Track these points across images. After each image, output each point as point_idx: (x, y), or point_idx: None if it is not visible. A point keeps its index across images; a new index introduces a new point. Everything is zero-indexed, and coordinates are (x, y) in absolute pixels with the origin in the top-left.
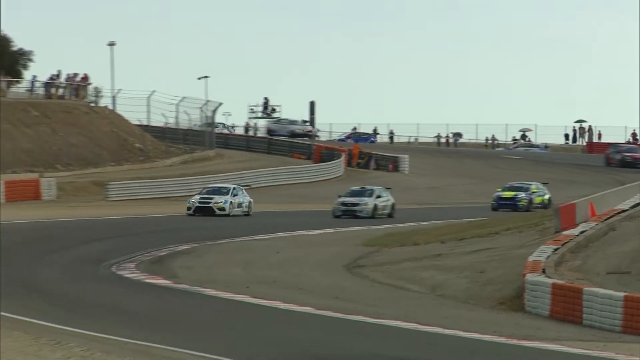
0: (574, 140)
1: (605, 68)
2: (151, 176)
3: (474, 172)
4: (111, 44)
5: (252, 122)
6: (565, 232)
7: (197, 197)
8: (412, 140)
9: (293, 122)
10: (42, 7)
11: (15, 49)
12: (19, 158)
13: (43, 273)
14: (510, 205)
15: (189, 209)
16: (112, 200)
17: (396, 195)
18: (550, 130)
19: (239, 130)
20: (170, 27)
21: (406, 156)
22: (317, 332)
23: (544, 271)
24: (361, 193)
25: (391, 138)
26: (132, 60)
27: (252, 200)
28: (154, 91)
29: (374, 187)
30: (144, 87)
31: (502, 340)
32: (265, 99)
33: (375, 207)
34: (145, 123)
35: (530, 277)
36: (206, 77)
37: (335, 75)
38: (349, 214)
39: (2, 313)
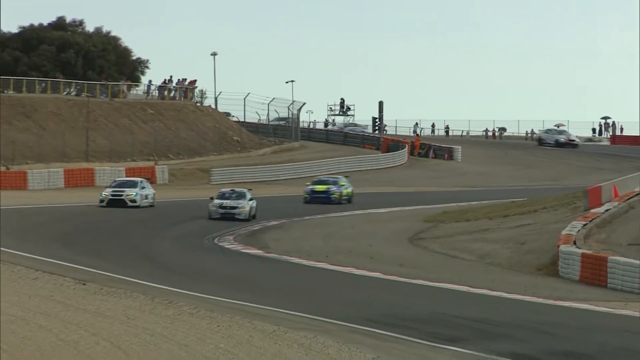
0: (600, 133)
1: (626, 69)
2: (246, 164)
3: (517, 160)
4: (214, 54)
5: (330, 119)
6: (592, 210)
7: (109, 190)
8: (464, 134)
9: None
10: (157, 22)
11: (134, 58)
12: (137, 149)
13: (157, 244)
14: (323, 198)
15: (101, 201)
16: (215, 183)
17: (450, 180)
18: (580, 124)
19: (319, 125)
20: (261, 37)
21: (459, 147)
22: (386, 295)
23: (574, 243)
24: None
25: (447, 132)
26: (231, 66)
27: (155, 192)
28: (248, 93)
29: (241, 190)
30: (241, 90)
31: (540, 300)
32: (342, 99)
33: (251, 209)
34: (241, 119)
35: (563, 247)
36: (292, 81)
37: (400, 78)
38: (227, 216)
39: (124, 277)
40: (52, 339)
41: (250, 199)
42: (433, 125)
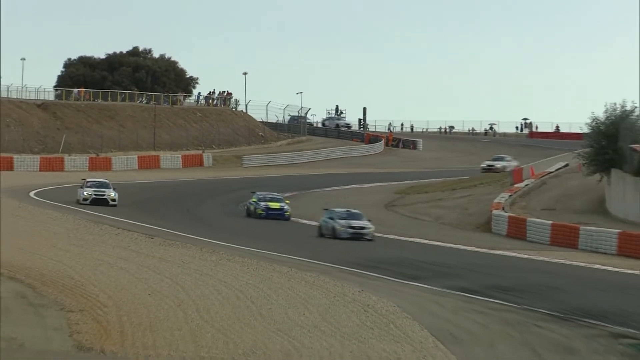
0: (521, 130)
1: (543, 78)
2: (269, 152)
3: (461, 149)
4: (245, 73)
5: (333, 122)
6: (516, 185)
7: (91, 190)
8: (424, 130)
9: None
10: (204, 48)
11: (188, 76)
12: (190, 141)
13: (204, 210)
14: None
15: (85, 199)
16: (246, 167)
17: (414, 164)
18: (507, 124)
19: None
20: (280, 59)
21: (421, 140)
22: (367, 246)
23: (503, 208)
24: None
25: (411, 129)
26: (258, 81)
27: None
28: (269, 101)
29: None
30: (265, 98)
31: (479, 249)
32: (337, 106)
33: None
34: (264, 120)
35: (495, 212)
36: (301, 92)
37: (379, 88)
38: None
39: (180, 233)
40: (129, 277)
41: (369, 220)
42: (402, 125)
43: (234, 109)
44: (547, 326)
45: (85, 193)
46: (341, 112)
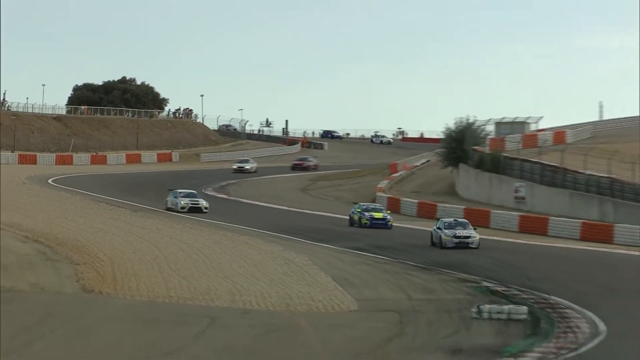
0: (398, 136)
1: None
2: (219, 151)
3: (357, 150)
4: (202, 95)
5: (261, 129)
6: (393, 175)
7: (187, 200)
8: (330, 136)
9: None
10: (172, 76)
11: (161, 97)
12: (162, 144)
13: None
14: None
15: (182, 208)
16: (203, 161)
17: (322, 160)
18: (387, 131)
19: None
20: (228, 81)
21: (326, 143)
22: (287, 218)
23: (384, 191)
24: None
25: (320, 135)
26: (213, 99)
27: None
28: (219, 115)
29: None
30: (216, 112)
31: None
32: (267, 118)
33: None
34: (216, 128)
35: (378, 193)
36: (241, 109)
37: (299, 103)
38: (462, 245)
39: (156, 209)
40: (119, 240)
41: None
42: (313, 132)
43: (194, 121)
44: (414, 274)
45: (182, 202)
46: (270, 123)
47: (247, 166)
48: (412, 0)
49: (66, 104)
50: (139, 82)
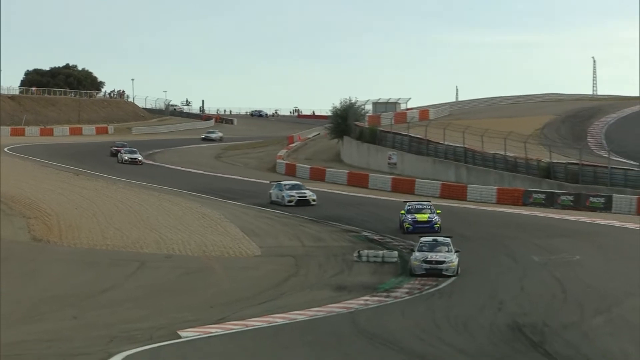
0: (294, 113)
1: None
2: (147, 125)
3: (261, 124)
4: (132, 79)
5: (184, 108)
6: (290, 145)
7: (294, 192)
8: (239, 113)
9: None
10: (108, 62)
11: (99, 80)
12: (100, 119)
13: (109, 158)
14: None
15: (289, 202)
16: (134, 134)
17: (232, 133)
18: (285, 110)
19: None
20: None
21: (236, 119)
22: (204, 180)
23: (283, 158)
24: None
25: (230, 112)
26: (144, 81)
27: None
28: (147, 96)
29: None
30: (146, 93)
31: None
32: (187, 98)
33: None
34: (145, 106)
35: (278, 160)
36: (165, 91)
37: (214, 83)
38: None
39: (95, 172)
40: (64, 198)
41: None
42: (224, 110)
43: (126, 100)
44: (307, 225)
45: (290, 195)
46: (189, 102)
47: (213, 135)
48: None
49: (19, 86)
50: (80, 68)
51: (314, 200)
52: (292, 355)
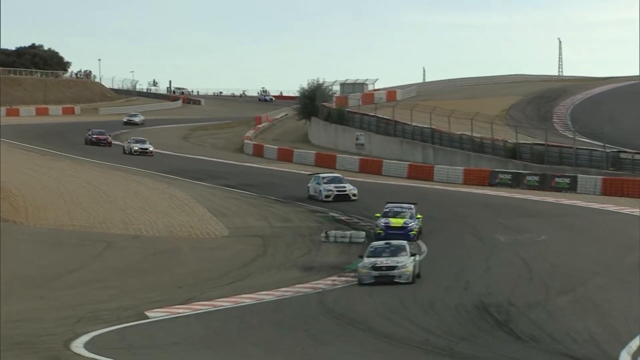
0: (264, 95)
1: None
2: (114, 105)
3: (228, 106)
4: (99, 59)
5: (152, 88)
6: (258, 126)
7: (332, 186)
8: (206, 94)
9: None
10: (75, 43)
11: (65, 60)
12: (67, 99)
13: (76, 138)
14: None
15: (327, 197)
16: (101, 114)
17: (198, 114)
18: (253, 90)
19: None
20: (123, 48)
21: (203, 100)
22: (172, 161)
23: (250, 139)
24: None
25: (197, 93)
26: (110, 63)
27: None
28: (114, 76)
29: None
30: (113, 74)
31: (236, 162)
32: (154, 79)
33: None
34: (112, 87)
35: (246, 141)
36: (132, 71)
37: (182, 65)
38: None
39: (62, 153)
40: (31, 179)
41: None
42: (191, 90)
43: (92, 80)
44: (274, 206)
45: (327, 190)
46: (156, 83)
47: (136, 119)
48: None
49: None
50: (46, 48)
51: (354, 195)
52: (260, 336)
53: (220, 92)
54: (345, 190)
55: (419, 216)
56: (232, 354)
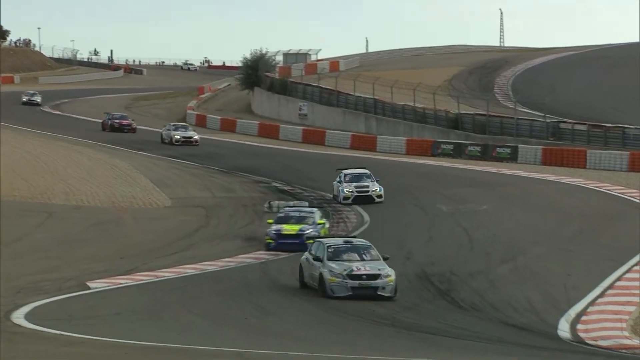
0: (204, 64)
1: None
2: (54, 75)
3: (172, 76)
4: (39, 28)
5: (93, 57)
6: (200, 96)
7: (352, 187)
8: (148, 63)
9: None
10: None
11: (4, 29)
12: (7, 68)
13: (17, 110)
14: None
15: (345, 199)
16: (41, 84)
17: (140, 84)
18: (195, 60)
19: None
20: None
21: (145, 69)
22: (124, 136)
23: (193, 109)
24: None
25: (139, 63)
26: (50, 32)
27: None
28: (54, 45)
29: None
30: (53, 43)
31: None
32: (95, 48)
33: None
34: (52, 56)
35: (188, 111)
36: (73, 40)
37: (121, 34)
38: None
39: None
40: (31, 158)
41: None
42: (133, 60)
43: (32, 49)
44: (217, 176)
45: (346, 191)
46: (97, 52)
47: (37, 99)
48: None
49: None
50: None
51: (379, 196)
52: (203, 306)
53: (163, 62)
54: (368, 191)
55: (321, 221)
56: (174, 324)
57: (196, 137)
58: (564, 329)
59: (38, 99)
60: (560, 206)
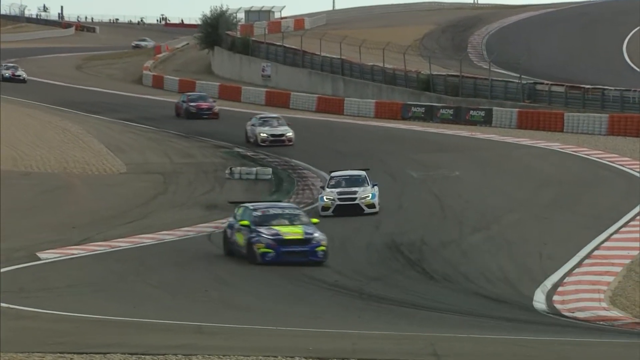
0: (161, 22)
1: None
2: (5, 32)
3: (127, 34)
4: None
5: (42, 14)
6: (157, 55)
7: (334, 192)
8: (101, 21)
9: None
10: None
11: None
12: None
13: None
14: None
15: (325, 208)
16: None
17: (92, 42)
18: (152, 18)
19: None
20: None
21: (98, 27)
22: (63, 92)
23: (149, 70)
24: None
25: (92, 20)
26: None
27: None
28: (12, 4)
29: None
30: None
31: (134, 94)
32: (44, 4)
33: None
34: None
35: (144, 72)
36: None
37: None
38: None
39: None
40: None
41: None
42: (86, 17)
43: None
44: (175, 141)
45: (325, 199)
46: (46, 8)
47: (19, 73)
48: None
49: None
50: None
51: (371, 205)
52: (161, 278)
53: (117, 19)
54: (354, 199)
55: (314, 220)
56: (130, 297)
57: (289, 134)
58: (539, 300)
59: (23, 74)
60: (536, 172)
